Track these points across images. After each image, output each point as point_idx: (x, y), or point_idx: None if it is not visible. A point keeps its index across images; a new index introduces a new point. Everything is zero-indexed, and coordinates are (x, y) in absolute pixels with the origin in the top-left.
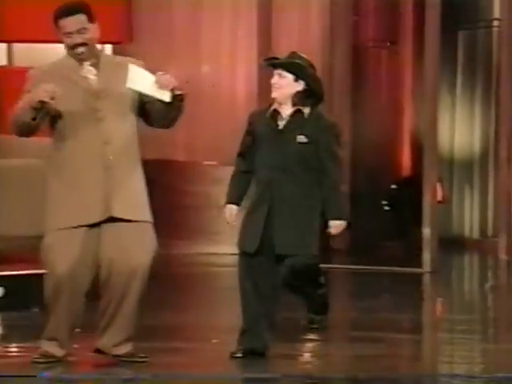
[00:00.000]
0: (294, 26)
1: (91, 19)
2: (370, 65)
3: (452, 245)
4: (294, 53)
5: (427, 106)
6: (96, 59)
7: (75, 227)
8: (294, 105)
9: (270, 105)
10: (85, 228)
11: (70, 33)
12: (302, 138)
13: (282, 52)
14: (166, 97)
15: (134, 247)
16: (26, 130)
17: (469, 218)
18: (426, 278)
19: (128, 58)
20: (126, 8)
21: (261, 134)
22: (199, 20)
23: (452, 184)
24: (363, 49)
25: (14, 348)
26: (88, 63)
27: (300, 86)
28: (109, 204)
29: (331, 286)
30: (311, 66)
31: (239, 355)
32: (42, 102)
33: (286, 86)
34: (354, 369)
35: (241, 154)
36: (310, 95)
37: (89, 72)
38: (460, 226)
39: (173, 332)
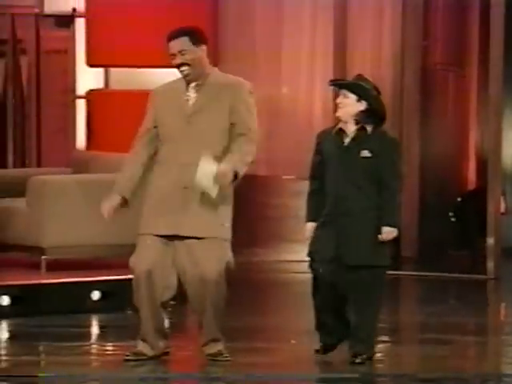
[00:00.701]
0: (367, 49)
1: (196, 42)
2: (438, 86)
3: None
4: (359, 75)
5: (491, 124)
6: (202, 80)
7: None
8: (356, 123)
9: (336, 124)
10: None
11: (173, 54)
12: (365, 153)
13: (355, 73)
14: (213, 192)
15: (204, 261)
16: None
17: None
18: (490, 285)
19: (237, 79)
20: (213, 31)
21: (328, 152)
22: (279, 43)
23: None
24: (431, 71)
25: (110, 347)
26: (193, 84)
27: (362, 105)
28: (179, 221)
29: (401, 292)
30: (375, 88)
31: (320, 351)
32: None
33: (349, 105)
34: (422, 369)
35: (312, 175)
36: (372, 114)
37: (191, 93)
38: None
39: (254, 333)
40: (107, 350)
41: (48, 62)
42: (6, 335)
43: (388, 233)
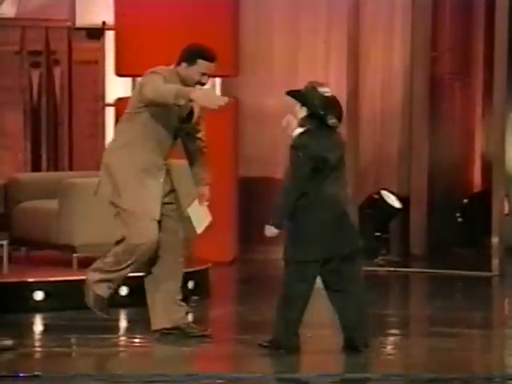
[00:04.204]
0: (378, 61)
1: None
2: (445, 94)
3: None
4: (310, 82)
5: (496, 129)
6: None
7: None
8: (301, 126)
9: None
10: None
11: (205, 74)
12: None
13: (367, 83)
14: (200, 229)
15: None
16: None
17: None
18: (495, 281)
19: None
20: (234, 43)
21: None
22: (296, 56)
23: None
24: (439, 80)
25: (137, 339)
26: None
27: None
28: None
29: (410, 288)
30: (321, 96)
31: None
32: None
33: (297, 111)
34: (431, 360)
35: None
36: (315, 118)
37: None
38: None
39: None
40: (134, 342)
41: (79, 71)
42: (39, 328)
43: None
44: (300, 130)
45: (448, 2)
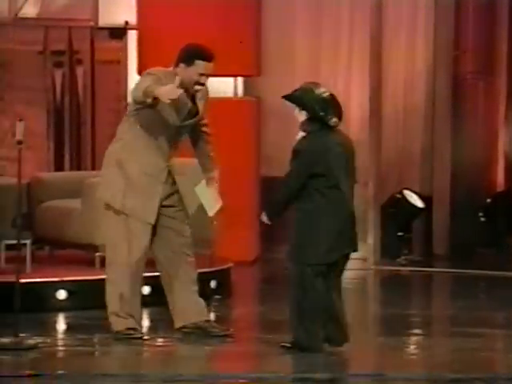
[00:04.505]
0: (400, 60)
1: None
2: (468, 93)
3: None
4: (306, 83)
5: None
6: None
7: None
8: (303, 131)
9: None
10: None
11: (203, 74)
12: None
13: (389, 83)
14: (211, 212)
15: None
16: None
17: None
18: None
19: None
20: (256, 44)
21: None
22: (318, 56)
23: None
24: (462, 79)
25: (159, 338)
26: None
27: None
28: None
29: (433, 288)
30: (321, 98)
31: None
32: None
33: (297, 115)
34: (454, 360)
35: None
36: (316, 121)
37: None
38: None
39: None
40: (156, 341)
41: (102, 71)
42: (62, 327)
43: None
44: (302, 134)
45: (471, 2)
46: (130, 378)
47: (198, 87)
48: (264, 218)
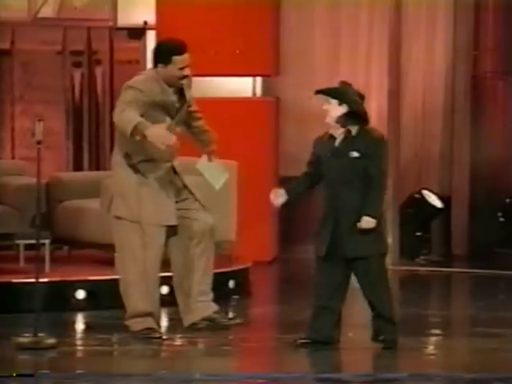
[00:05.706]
0: (420, 60)
1: None
2: (488, 93)
3: None
4: (342, 82)
5: None
6: None
7: None
8: (342, 126)
9: (327, 131)
10: None
11: (187, 66)
12: (354, 154)
13: (409, 82)
14: (218, 185)
15: None
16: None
17: None
18: None
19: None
20: (275, 43)
21: (322, 156)
22: (337, 55)
23: None
24: (481, 79)
25: (178, 338)
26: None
27: (344, 109)
28: None
29: (452, 288)
30: (358, 94)
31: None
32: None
33: (332, 110)
34: (473, 360)
35: (304, 171)
36: (353, 116)
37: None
38: None
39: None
40: (175, 341)
41: (121, 71)
42: (81, 327)
43: (367, 222)
44: (340, 128)
45: (491, 2)
46: (148, 377)
47: (184, 81)
48: (372, 224)
